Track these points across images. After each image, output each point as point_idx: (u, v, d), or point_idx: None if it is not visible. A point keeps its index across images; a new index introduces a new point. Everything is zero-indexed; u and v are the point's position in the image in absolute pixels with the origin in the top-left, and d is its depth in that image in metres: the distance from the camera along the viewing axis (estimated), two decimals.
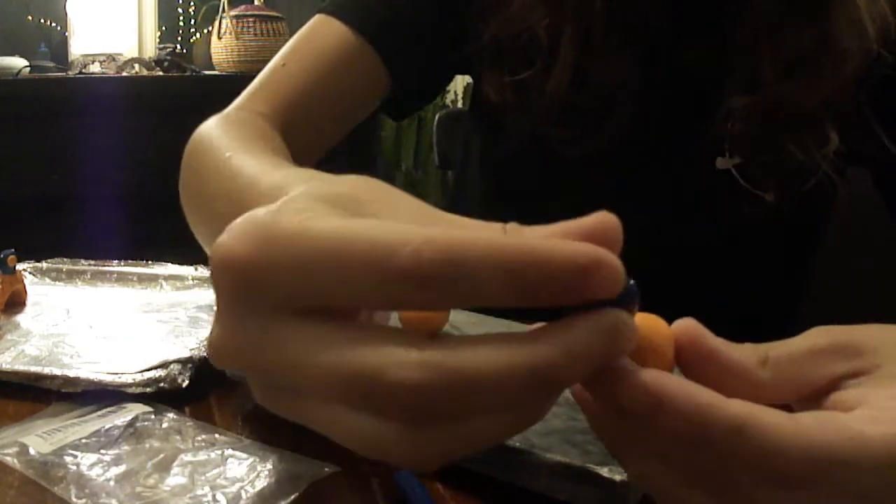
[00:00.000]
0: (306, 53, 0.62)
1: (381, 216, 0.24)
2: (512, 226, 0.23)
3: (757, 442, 0.23)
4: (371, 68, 0.63)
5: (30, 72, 1.98)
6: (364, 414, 0.22)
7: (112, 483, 0.37)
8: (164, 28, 2.36)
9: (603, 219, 0.22)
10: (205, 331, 0.56)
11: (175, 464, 0.39)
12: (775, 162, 0.56)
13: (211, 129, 0.51)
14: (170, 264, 0.74)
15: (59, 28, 2.23)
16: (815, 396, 0.28)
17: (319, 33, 0.63)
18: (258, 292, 0.23)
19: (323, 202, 0.24)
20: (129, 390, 0.47)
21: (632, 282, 0.22)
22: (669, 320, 0.28)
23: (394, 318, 0.52)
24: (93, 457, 0.40)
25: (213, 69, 2.17)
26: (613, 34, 0.57)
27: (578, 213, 0.22)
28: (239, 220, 0.23)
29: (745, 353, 0.28)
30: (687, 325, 0.27)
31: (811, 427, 0.24)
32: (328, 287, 0.22)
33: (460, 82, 2.44)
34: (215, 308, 0.24)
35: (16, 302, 0.64)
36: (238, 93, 0.61)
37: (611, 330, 0.21)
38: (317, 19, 0.64)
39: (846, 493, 0.24)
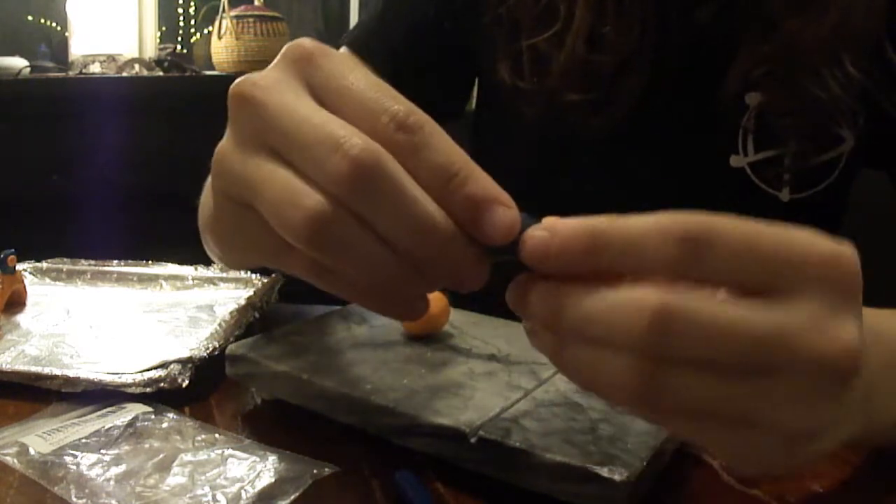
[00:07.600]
0: None
1: None
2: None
3: None
4: None
5: (30, 72, 1.98)
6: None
7: (112, 483, 0.37)
8: (164, 28, 2.36)
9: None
10: (205, 331, 0.56)
11: (175, 464, 0.39)
12: (794, 110, 0.56)
13: None
14: (170, 264, 0.74)
15: (59, 28, 2.23)
16: None
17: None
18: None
19: None
20: (129, 390, 0.47)
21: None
22: None
23: (398, 324, 0.53)
24: (93, 457, 0.40)
25: (214, 69, 2.17)
26: None
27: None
28: None
29: None
30: None
31: None
32: None
33: None
34: None
35: (16, 302, 0.64)
36: None
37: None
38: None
39: None
